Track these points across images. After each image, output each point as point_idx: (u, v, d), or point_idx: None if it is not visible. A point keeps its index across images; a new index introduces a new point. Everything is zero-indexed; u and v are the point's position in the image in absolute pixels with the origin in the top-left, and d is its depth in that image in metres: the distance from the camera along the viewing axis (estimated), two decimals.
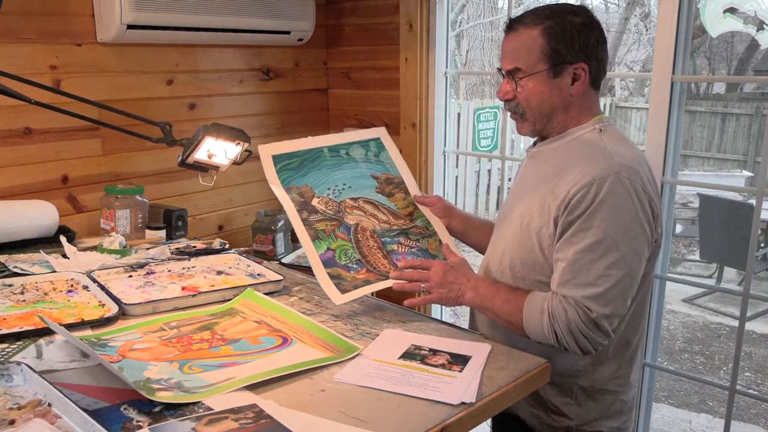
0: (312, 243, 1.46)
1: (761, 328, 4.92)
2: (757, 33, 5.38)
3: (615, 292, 1.24)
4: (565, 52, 1.33)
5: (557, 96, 1.36)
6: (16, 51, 1.86)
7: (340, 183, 1.60)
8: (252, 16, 2.25)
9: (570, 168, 1.31)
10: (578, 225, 1.25)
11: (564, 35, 1.32)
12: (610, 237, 1.23)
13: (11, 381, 1.06)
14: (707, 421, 3.67)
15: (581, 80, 1.35)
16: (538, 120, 1.39)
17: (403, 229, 1.59)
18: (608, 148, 1.31)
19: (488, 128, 6.39)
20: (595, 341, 1.26)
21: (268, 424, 0.98)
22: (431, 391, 1.10)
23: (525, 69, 1.35)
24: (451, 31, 2.62)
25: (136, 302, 1.41)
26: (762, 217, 4.55)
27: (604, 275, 1.23)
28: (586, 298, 1.23)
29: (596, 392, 1.39)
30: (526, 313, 1.29)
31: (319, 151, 1.63)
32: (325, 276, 1.42)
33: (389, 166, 1.70)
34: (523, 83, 1.36)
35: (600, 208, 1.24)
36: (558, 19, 1.33)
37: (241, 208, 2.54)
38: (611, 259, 1.23)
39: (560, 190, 1.29)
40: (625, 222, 1.24)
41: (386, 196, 1.64)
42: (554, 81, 1.34)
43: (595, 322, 1.24)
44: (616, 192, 1.24)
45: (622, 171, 1.25)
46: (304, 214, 1.50)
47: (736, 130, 9.06)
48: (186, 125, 2.25)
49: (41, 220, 1.80)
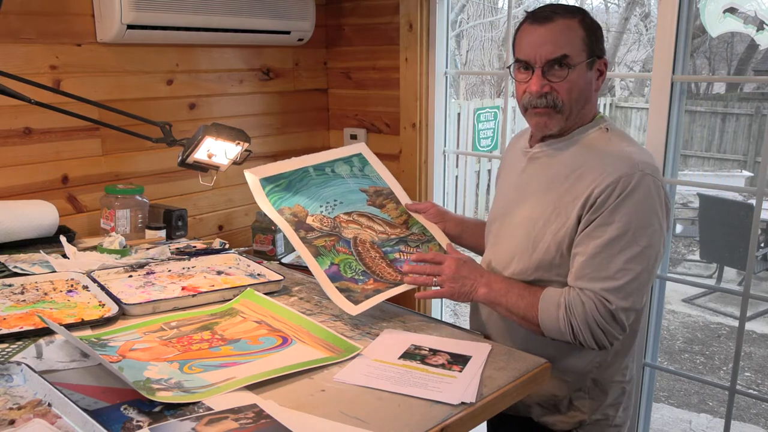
0: (315, 260, 1.45)
1: (761, 328, 4.92)
2: (757, 33, 5.38)
3: (634, 286, 1.24)
4: (596, 47, 1.33)
5: (588, 90, 1.34)
6: (16, 51, 1.86)
7: (331, 199, 1.60)
8: (252, 16, 2.25)
9: (587, 168, 1.30)
10: (600, 219, 1.26)
11: (595, 29, 1.33)
12: (631, 231, 1.24)
13: (11, 381, 1.06)
14: (707, 421, 3.67)
15: (603, 76, 1.36)
16: (572, 113, 1.34)
17: (402, 237, 1.59)
18: (623, 147, 1.32)
19: (488, 128, 6.38)
20: (611, 335, 1.26)
21: (268, 424, 0.98)
22: (431, 391, 1.10)
23: (573, 56, 1.30)
24: (451, 31, 2.62)
25: (136, 302, 1.41)
26: (762, 217, 4.55)
27: (624, 269, 1.24)
28: (605, 291, 1.24)
29: (607, 384, 1.40)
30: (542, 307, 1.28)
31: (304, 170, 1.63)
32: (334, 290, 1.40)
33: (375, 178, 1.71)
34: (565, 73, 1.30)
35: (624, 203, 1.24)
36: (585, 14, 1.34)
37: (241, 208, 2.54)
38: (631, 253, 1.24)
39: (579, 190, 1.29)
40: (646, 217, 1.25)
41: (378, 207, 1.64)
42: (589, 74, 1.34)
43: (613, 315, 1.24)
44: (641, 188, 1.25)
45: (646, 168, 1.26)
46: (301, 233, 1.49)
47: (736, 130, 9.06)
48: (186, 125, 2.25)
49: (41, 220, 1.80)
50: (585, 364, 1.37)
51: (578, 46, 1.31)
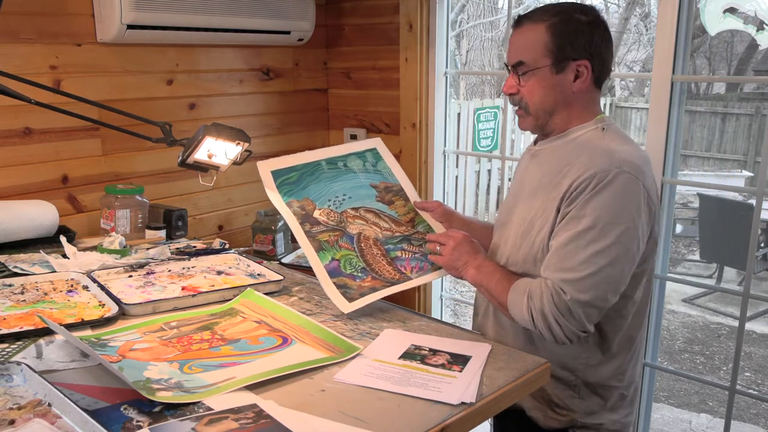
0: (316, 254, 1.47)
1: (761, 328, 4.92)
2: (757, 33, 5.37)
3: (595, 280, 1.25)
4: (569, 49, 1.34)
5: (559, 92, 1.37)
6: (16, 51, 1.86)
7: (340, 194, 1.61)
8: (252, 16, 2.25)
9: (573, 165, 1.32)
10: (573, 212, 1.28)
11: (569, 32, 1.34)
12: (600, 226, 1.25)
13: (11, 381, 1.06)
14: (707, 421, 3.67)
15: (583, 77, 1.36)
16: (540, 115, 1.40)
17: (406, 235, 1.60)
18: (611, 145, 1.33)
19: (488, 128, 6.38)
20: (568, 329, 1.26)
21: (268, 424, 0.98)
22: (431, 391, 1.10)
23: (528, 63, 1.36)
24: (451, 31, 2.62)
25: (136, 302, 1.41)
26: (762, 217, 4.55)
27: (586, 262, 1.25)
28: (562, 281, 1.26)
29: (599, 387, 1.40)
30: (511, 294, 1.33)
31: (316, 164, 1.64)
32: (331, 286, 1.42)
33: (387, 174, 1.71)
34: (526, 78, 1.37)
35: (595, 197, 1.26)
36: (564, 16, 1.35)
37: (241, 208, 2.54)
38: (597, 247, 1.25)
39: (562, 185, 1.32)
40: (618, 214, 1.25)
41: (386, 204, 1.65)
42: (557, 77, 1.36)
43: (569, 307, 1.24)
44: (615, 185, 1.26)
45: (624, 166, 1.27)
46: (306, 227, 1.51)
47: (736, 130, 9.06)
48: (186, 125, 2.25)
49: (41, 220, 1.80)
50: (570, 362, 1.38)
51: (538, 51, 1.35)
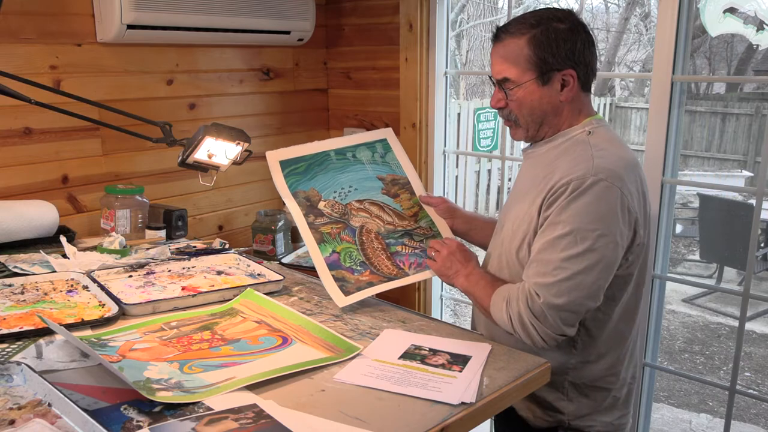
0: (317, 246, 1.48)
1: (761, 328, 4.92)
2: (757, 33, 5.38)
3: (569, 285, 1.25)
4: (552, 60, 1.34)
5: (547, 103, 1.38)
6: (16, 51, 1.86)
7: (347, 185, 1.62)
8: (252, 16, 2.25)
9: (555, 170, 1.34)
10: (551, 218, 1.30)
11: (550, 43, 1.33)
12: (575, 233, 1.26)
13: (11, 381, 1.06)
14: (707, 421, 3.67)
15: (570, 86, 1.37)
16: (531, 126, 1.42)
17: (408, 230, 1.60)
18: (592, 150, 1.33)
19: (488, 128, 6.39)
20: (545, 333, 1.27)
21: (268, 424, 0.98)
22: (431, 391, 1.10)
23: (514, 79, 1.37)
24: (451, 31, 2.62)
25: (136, 302, 1.41)
26: (762, 217, 4.55)
27: (560, 267, 1.26)
28: (536, 285, 1.27)
29: (587, 388, 1.40)
30: (493, 298, 1.35)
31: (325, 154, 1.64)
32: (329, 278, 1.44)
33: (395, 167, 1.71)
34: (513, 93, 1.38)
35: (571, 204, 1.27)
36: (543, 27, 1.34)
37: (241, 208, 2.54)
38: (570, 252, 1.26)
39: (544, 191, 1.33)
40: (592, 221, 1.26)
41: (392, 197, 1.65)
42: (543, 89, 1.37)
43: (543, 311, 1.26)
44: (591, 192, 1.26)
45: (601, 173, 1.27)
46: (310, 218, 1.52)
47: (736, 130, 9.06)
48: (186, 125, 2.25)
49: (41, 220, 1.80)
50: (558, 364, 1.38)
51: (522, 65, 1.35)
